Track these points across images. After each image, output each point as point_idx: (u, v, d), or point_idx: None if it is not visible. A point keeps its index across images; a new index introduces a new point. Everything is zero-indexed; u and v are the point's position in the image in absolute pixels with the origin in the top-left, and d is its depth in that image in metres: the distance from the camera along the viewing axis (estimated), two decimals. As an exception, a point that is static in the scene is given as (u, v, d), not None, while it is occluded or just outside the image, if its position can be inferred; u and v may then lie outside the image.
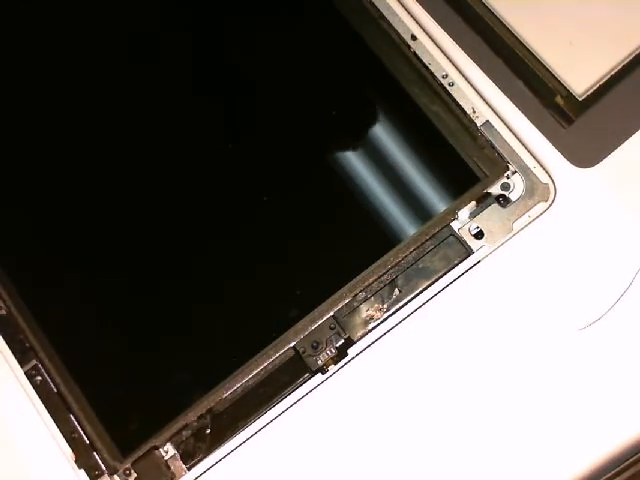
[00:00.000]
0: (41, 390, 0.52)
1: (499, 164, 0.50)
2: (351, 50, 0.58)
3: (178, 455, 0.50)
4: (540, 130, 0.50)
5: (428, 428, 0.47)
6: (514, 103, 0.51)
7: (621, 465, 0.46)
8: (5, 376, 0.53)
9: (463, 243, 0.49)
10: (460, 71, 0.52)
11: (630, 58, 0.50)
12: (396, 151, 0.56)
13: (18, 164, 0.61)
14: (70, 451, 0.51)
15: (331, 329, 0.49)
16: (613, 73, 0.50)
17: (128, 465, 0.50)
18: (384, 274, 0.50)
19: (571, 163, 0.50)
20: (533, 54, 0.51)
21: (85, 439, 0.51)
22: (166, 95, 0.61)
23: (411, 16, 0.54)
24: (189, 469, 0.50)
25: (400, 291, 0.49)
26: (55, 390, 0.52)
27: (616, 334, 0.47)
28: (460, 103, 0.51)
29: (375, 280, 0.50)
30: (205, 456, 0.49)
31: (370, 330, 0.49)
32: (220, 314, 0.55)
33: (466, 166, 0.52)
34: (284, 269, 0.55)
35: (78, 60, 0.62)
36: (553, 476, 0.46)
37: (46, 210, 0.59)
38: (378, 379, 0.48)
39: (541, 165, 0.50)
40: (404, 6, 0.54)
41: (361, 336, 0.49)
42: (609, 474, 0.46)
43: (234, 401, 0.50)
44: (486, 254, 0.49)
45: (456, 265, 0.49)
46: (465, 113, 0.51)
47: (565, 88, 0.50)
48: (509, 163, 0.50)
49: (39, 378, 0.52)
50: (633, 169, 0.49)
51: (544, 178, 0.49)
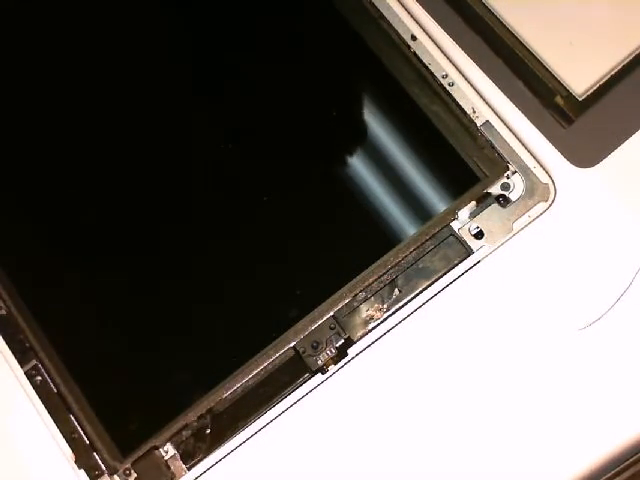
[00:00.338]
0: (41, 390, 0.52)
1: (499, 164, 0.50)
2: (351, 50, 0.58)
3: (178, 455, 0.50)
4: (540, 130, 0.50)
5: (428, 428, 0.47)
6: (514, 103, 0.51)
7: (621, 465, 0.46)
8: (5, 376, 0.53)
9: (463, 243, 0.49)
10: (460, 71, 0.52)
11: (630, 58, 0.50)
12: (396, 151, 0.56)
13: (18, 164, 0.61)
14: (70, 451, 0.51)
15: (331, 329, 0.49)
16: (613, 73, 0.50)
17: (128, 465, 0.50)
18: (384, 274, 0.50)
19: (571, 163, 0.50)
20: (533, 54, 0.51)
21: (85, 439, 0.51)
22: (166, 95, 0.61)
23: (411, 16, 0.54)
24: (189, 469, 0.50)
25: (400, 291, 0.49)
26: (55, 390, 0.52)
27: (616, 334, 0.47)
28: (460, 103, 0.51)
29: (375, 280, 0.50)
30: (205, 456, 0.49)
31: (370, 330, 0.49)
32: (220, 314, 0.55)
33: (466, 166, 0.52)
34: (284, 269, 0.55)
35: (78, 59, 0.62)
36: (553, 476, 0.46)
37: (46, 210, 0.59)
38: (378, 379, 0.48)
39: (541, 165, 0.50)
40: (404, 6, 0.54)
41: (361, 336, 0.49)
42: (609, 474, 0.46)
43: (234, 401, 0.50)
44: (486, 254, 0.49)
45: (456, 265, 0.49)
46: (465, 113, 0.51)
47: (565, 88, 0.50)
48: (509, 163, 0.50)
49: (39, 378, 0.52)
50: (633, 169, 0.49)
51: (544, 178, 0.49)
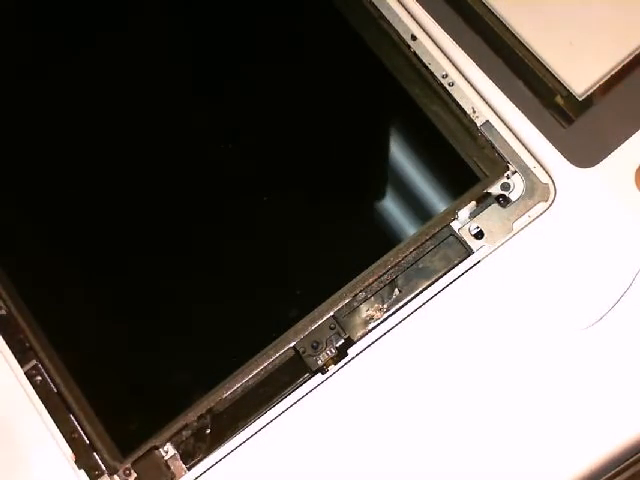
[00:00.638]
0: (41, 390, 0.52)
1: (499, 164, 0.50)
2: (351, 50, 0.58)
3: (178, 455, 0.50)
4: (540, 130, 0.50)
5: (428, 428, 0.47)
6: (514, 103, 0.51)
7: (621, 465, 0.46)
8: (5, 376, 0.53)
9: (463, 243, 0.49)
10: (460, 71, 0.52)
11: (630, 58, 0.50)
12: (396, 151, 0.56)
13: (18, 164, 0.61)
14: (70, 451, 0.51)
15: (331, 329, 0.49)
16: (613, 73, 0.50)
17: (128, 465, 0.50)
18: (384, 274, 0.50)
19: (571, 163, 0.50)
20: (533, 54, 0.51)
21: (85, 439, 0.51)
22: (166, 95, 0.60)
23: (411, 16, 0.54)
24: (189, 469, 0.50)
25: (400, 291, 0.49)
26: (55, 390, 0.52)
27: (616, 335, 0.47)
28: (460, 103, 0.51)
29: (375, 280, 0.50)
30: (205, 456, 0.49)
31: (370, 330, 0.49)
32: (220, 314, 0.55)
33: (466, 166, 0.52)
34: (284, 269, 0.55)
35: (78, 59, 0.62)
36: (553, 476, 0.46)
37: (46, 210, 0.59)
38: (378, 379, 0.48)
39: (541, 165, 0.50)
40: (404, 6, 0.54)
41: (361, 336, 0.49)
42: (609, 474, 0.46)
43: (234, 401, 0.50)
44: (486, 254, 0.49)
45: (456, 265, 0.49)
46: (465, 113, 0.51)
47: (565, 88, 0.50)
48: (509, 163, 0.50)
49: (39, 378, 0.52)
50: (633, 169, 0.49)
51: (544, 178, 0.49)
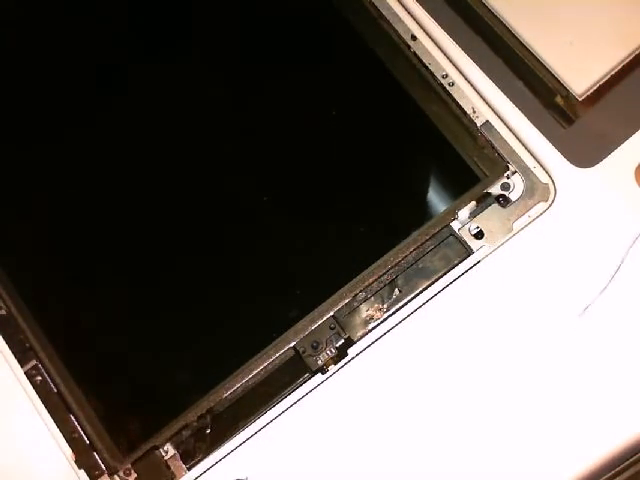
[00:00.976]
0: (41, 390, 0.52)
1: (499, 164, 0.50)
2: (351, 50, 0.58)
3: (178, 455, 0.50)
4: (540, 130, 0.50)
5: (428, 428, 0.47)
6: (514, 103, 0.51)
7: (621, 465, 0.46)
8: (5, 376, 0.53)
9: (463, 243, 0.49)
10: (460, 71, 0.52)
11: (630, 58, 0.50)
12: (396, 151, 0.56)
13: (18, 164, 0.61)
14: (70, 451, 0.51)
15: (331, 329, 0.49)
16: (613, 73, 0.50)
17: (128, 465, 0.50)
18: (384, 274, 0.50)
19: (571, 163, 0.50)
20: (533, 54, 0.51)
21: (85, 439, 0.51)
22: (166, 97, 0.61)
23: (411, 16, 0.54)
24: (189, 469, 0.50)
25: (400, 291, 0.49)
26: (55, 390, 0.52)
27: (616, 335, 0.47)
28: (460, 103, 0.51)
29: (375, 280, 0.50)
30: (205, 456, 0.49)
31: (370, 330, 0.49)
32: (220, 314, 0.55)
33: (466, 166, 0.52)
34: (284, 269, 0.55)
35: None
36: (553, 476, 0.46)
37: (46, 210, 0.59)
38: (378, 379, 0.48)
39: (541, 165, 0.50)
40: (404, 6, 0.54)
41: (361, 336, 0.49)
42: (609, 474, 0.46)
43: (234, 401, 0.50)
44: (486, 254, 0.49)
45: (456, 265, 0.49)
46: (465, 113, 0.51)
47: (565, 88, 0.50)
48: (509, 163, 0.50)
49: (39, 378, 0.52)
50: (633, 169, 0.49)
51: (544, 178, 0.49)
